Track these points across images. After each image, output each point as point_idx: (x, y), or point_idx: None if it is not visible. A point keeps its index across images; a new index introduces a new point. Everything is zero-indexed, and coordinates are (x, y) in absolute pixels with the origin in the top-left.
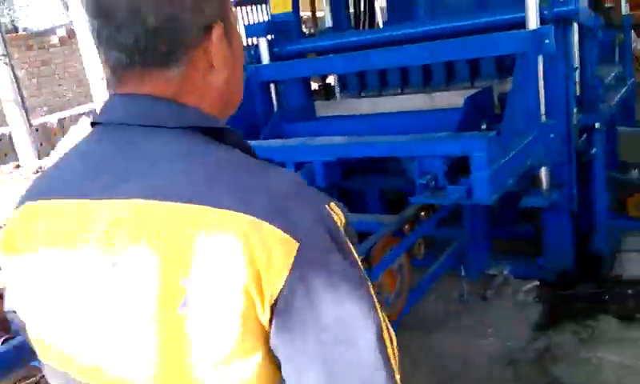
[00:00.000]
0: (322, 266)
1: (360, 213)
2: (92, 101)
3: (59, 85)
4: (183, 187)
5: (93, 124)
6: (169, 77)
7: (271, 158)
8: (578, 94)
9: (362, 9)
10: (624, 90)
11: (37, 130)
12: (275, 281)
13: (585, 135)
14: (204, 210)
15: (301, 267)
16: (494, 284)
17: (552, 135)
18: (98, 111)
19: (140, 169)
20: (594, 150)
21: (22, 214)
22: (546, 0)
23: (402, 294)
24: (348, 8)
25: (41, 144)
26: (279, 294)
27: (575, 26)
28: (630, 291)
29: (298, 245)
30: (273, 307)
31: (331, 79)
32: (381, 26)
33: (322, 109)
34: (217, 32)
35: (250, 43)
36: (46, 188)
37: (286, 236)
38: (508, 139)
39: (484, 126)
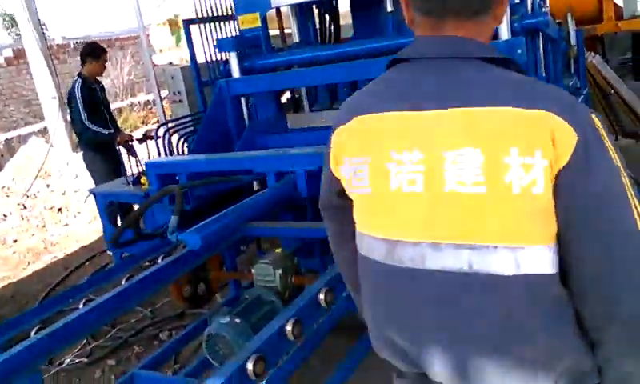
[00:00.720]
0: (592, 153)
1: None
2: (42, 120)
3: (5, 105)
4: (497, 96)
5: (394, 62)
6: (476, 24)
7: (252, 169)
8: None
9: (326, 25)
10: (580, 99)
11: None
12: (562, 158)
13: None
14: (517, 111)
15: (577, 151)
16: None
17: None
18: (405, 50)
19: (456, 87)
20: None
21: (353, 125)
22: (516, 13)
23: None
24: (314, 24)
25: None
26: (562, 168)
27: (541, 36)
28: None
29: (577, 137)
30: (556, 177)
31: (299, 92)
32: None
33: (294, 121)
34: None
35: (219, 58)
36: (366, 106)
37: (571, 129)
38: None
39: None
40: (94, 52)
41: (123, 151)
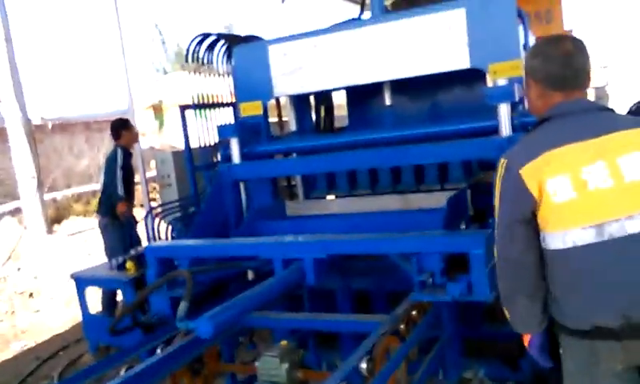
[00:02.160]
0: None
1: (329, 312)
2: (14, 199)
3: None
4: (627, 124)
5: (543, 120)
6: (585, 92)
7: (258, 255)
8: None
9: (322, 115)
10: None
11: None
12: None
13: None
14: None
15: None
16: None
17: None
18: (553, 111)
19: (600, 124)
20: None
21: (543, 159)
22: (516, 111)
23: None
24: (310, 114)
25: None
26: None
27: None
28: None
29: None
30: None
31: (295, 179)
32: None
33: (292, 208)
34: None
35: (209, 144)
36: (545, 146)
37: None
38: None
39: (463, 226)
40: (125, 124)
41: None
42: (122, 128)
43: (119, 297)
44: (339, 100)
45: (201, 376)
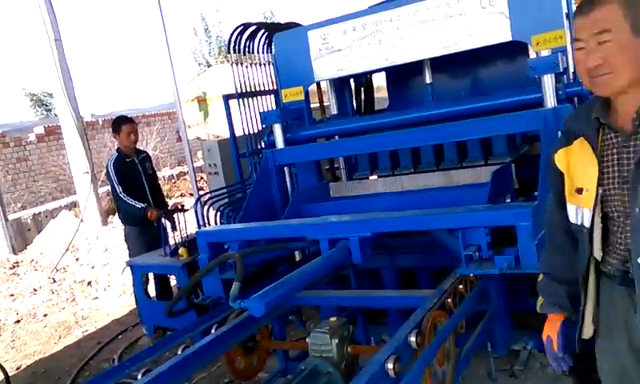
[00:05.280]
0: None
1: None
2: (70, 194)
3: (34, 181)
4: None
5: None
6: None
7: (305, 236)
8: None
9: (362, 98)
10: None
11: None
12: None
13: None
14: None
15: None
16: (521, 359)
17: None
18: None
19: None
20: None
21: None
22: (561, 81)
23: (450, 370)
24: (351, 97)
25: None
26: None
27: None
28: None
29: None
30: None
31: (338, 161)
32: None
33: (336, 190)
34: None
35: (254, 131)
36: None
37: None
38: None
39: (508, 200)
40: (113, 126)
41: (167, 224)
42: (112, 130)
43: (172, 282)
44: (379, 82)
45: (254, 354)
